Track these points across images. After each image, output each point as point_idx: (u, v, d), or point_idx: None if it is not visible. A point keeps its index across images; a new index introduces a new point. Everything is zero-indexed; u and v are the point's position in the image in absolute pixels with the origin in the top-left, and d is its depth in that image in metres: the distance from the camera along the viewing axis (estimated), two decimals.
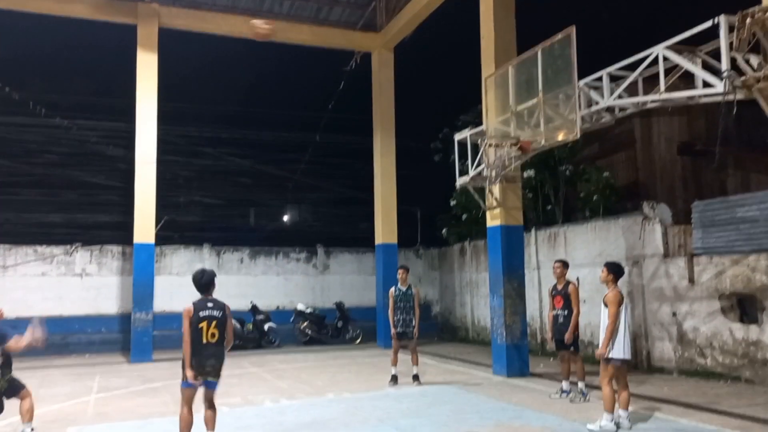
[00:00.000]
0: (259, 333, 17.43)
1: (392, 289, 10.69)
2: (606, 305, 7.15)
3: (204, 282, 6.37)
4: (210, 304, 6.27)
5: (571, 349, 8.98)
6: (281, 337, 17.69)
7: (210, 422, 6.28)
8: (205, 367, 6.14)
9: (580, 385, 8.90)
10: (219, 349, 6.20)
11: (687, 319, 10.87)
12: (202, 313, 6.17)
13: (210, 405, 6.33)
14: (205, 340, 6.12)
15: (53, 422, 8.16)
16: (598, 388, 9.58)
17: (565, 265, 9.36)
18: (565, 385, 9.20)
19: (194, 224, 20.39)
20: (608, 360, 7.04)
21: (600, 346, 7.06)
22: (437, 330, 20.10)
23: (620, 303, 7.09)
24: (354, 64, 18.05)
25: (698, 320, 10.66)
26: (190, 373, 6.06)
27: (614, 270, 7.37)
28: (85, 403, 9.60)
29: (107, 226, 18.91)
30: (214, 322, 6.18)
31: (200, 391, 6.28)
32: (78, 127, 19.04)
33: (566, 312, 8.97)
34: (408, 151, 18.96)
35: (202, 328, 6.12)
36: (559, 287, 9.16)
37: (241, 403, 9.28)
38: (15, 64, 18.31)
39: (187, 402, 6.21)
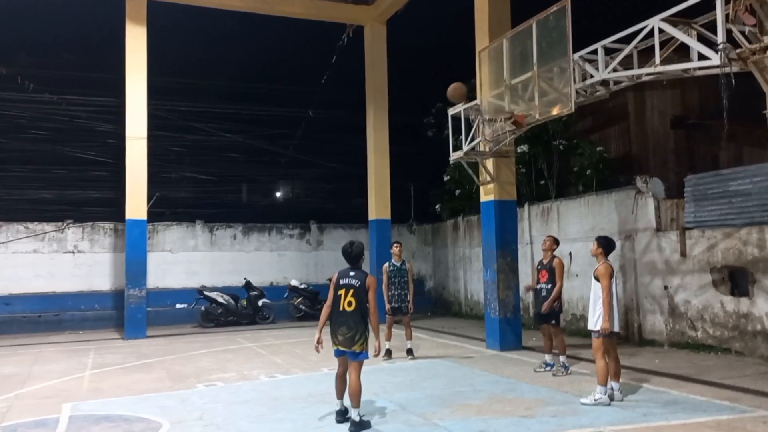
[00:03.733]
0: (253, 309, 17.48)
1: (386, 265, 10.73)
2: (597, 279, 7.18)
3: (354, 254, 6.49)
4: (352, 273, 6.41)
5: (552, 322, 9.00)
6: (275, 313, 17.75)
7: (352, 396, 6.20)
8: (336, 334, 6.24)
9: (562, 359, 8.93)
10: (354, 319, 6.22)
11: (678, 292, 10.96)
12: (342, 281, 6.34)
13: (352, 377, 6.22)
14: (341, 308, 6.25)
15: (48, 398, 8.18)
16: (586, 360, 9.70)
17: (555, 241, 9.34)
18: (548, 358, 9.20)
19: (186, 200, 20.25)
20: (599, 332, 7.08)
21: (602, 320, 7.00)
22: (431, 305, 20.21)
23: (611, 276, 7.12)
24: (346, 37, 17.84)
25: (689, 293, 10.74)
26: (316, 337, 6.31)
27: (604, 244, 7.40)
28: (79, 379, 9.62)
29: (99, 202, 18.76)
30: (351, 291, 6.28)
31: None
32: (67, 103, 18.80)
33: (549, 286, 8.97)
34: (401, 127, 18.83)
35: (340, 295, 6.29)
36: (545, 261, 9.16)
37: (237, 378, 9.33)
38: (2, 39, 18.00)
39: (342, 367, 6.41)
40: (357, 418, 6.15)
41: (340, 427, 6.33)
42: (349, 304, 6.23)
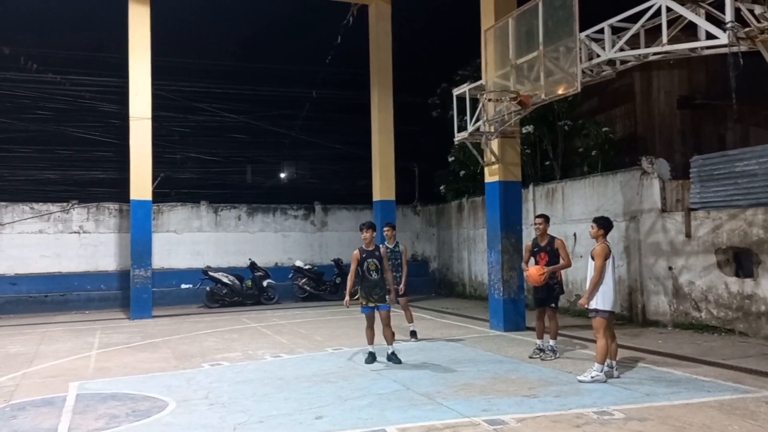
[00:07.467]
0: (257, 289, 17.55)
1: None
2: (593, 258, 7.25)
3: None
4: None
5: (552, 305, 8.78)
6: (279, 294, 17.83)
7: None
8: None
9: (552, 342, 8.79)
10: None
11: (683, 273, 10.95)
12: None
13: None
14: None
15: (55, 377, 8.26)
16: (589, 340, 9.71)
17: (546, 220, 9.04)
18: (539, 343, 8.91)
19: (191, 181, 20.28)
20: (596, 312, 7.20)
21: (582, 296, 7.40)
22: (435, 285, 20.26)
23: (606, 257, 7.22)
24: (351, 17, 17.69)
25: (694, 274, 10.73)
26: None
27: (603, 225, 7.45)
28: (86, 358, 9.70)
29: (103, 183, 18.83)
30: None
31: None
32: (71, 83, 18.75)
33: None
34: (406, 107, 18.74)
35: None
36: (543, 243, 8.75)
37: (242, 357, 9.40)
38: (5, 19, 17.91)
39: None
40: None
41: (342, 407, 6.38)
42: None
